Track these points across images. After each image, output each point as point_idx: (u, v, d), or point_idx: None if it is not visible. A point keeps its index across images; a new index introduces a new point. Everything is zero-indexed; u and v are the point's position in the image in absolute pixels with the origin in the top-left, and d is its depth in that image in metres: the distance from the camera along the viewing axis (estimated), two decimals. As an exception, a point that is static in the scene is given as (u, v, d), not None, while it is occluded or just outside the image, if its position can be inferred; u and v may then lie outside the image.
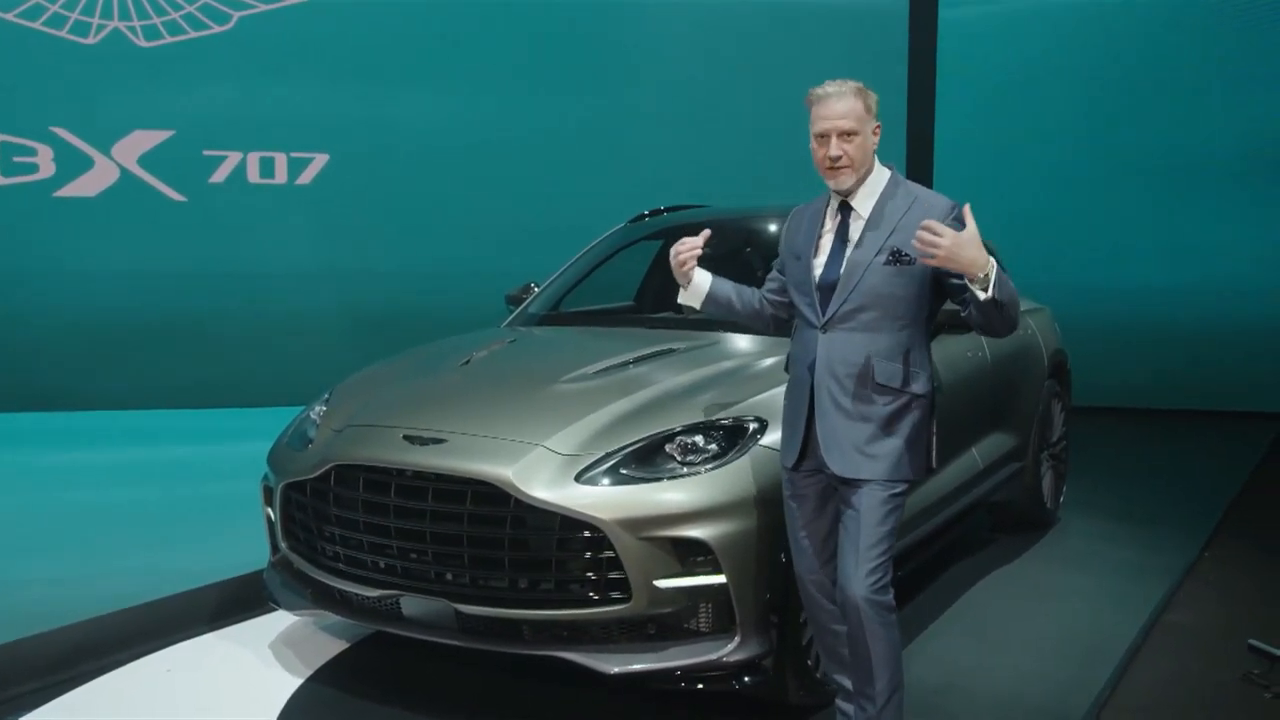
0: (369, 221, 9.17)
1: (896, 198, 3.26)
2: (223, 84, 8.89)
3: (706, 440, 3.64)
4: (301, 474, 3.97)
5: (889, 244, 3.19)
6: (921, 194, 3.28)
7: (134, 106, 8.78)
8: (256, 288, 9.05)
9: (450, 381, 4.26)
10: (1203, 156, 9.53)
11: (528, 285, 5.54)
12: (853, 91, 3.24)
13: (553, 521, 3.51)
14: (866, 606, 3.14)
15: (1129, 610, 4.83)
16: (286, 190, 9.06)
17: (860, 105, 3.23)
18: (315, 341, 9.06)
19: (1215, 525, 6.11)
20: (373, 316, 9.10)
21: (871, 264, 3.19)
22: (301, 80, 9.00)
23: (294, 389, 8.83)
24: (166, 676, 4.17)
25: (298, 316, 9.09)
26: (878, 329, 3.20)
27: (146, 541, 5.54)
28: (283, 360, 9.01)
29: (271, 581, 4.26)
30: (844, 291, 3.21)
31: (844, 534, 3.21)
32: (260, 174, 9.01)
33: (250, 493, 6.26)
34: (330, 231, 9.11)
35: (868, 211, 3.26)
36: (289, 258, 9.08)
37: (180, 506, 6.28)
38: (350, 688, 4.05)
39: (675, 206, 5.98)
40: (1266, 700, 3.95)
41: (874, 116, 3.27)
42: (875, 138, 3.28)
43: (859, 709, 3.26)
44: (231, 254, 8.98)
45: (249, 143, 8.98)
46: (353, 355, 8.89)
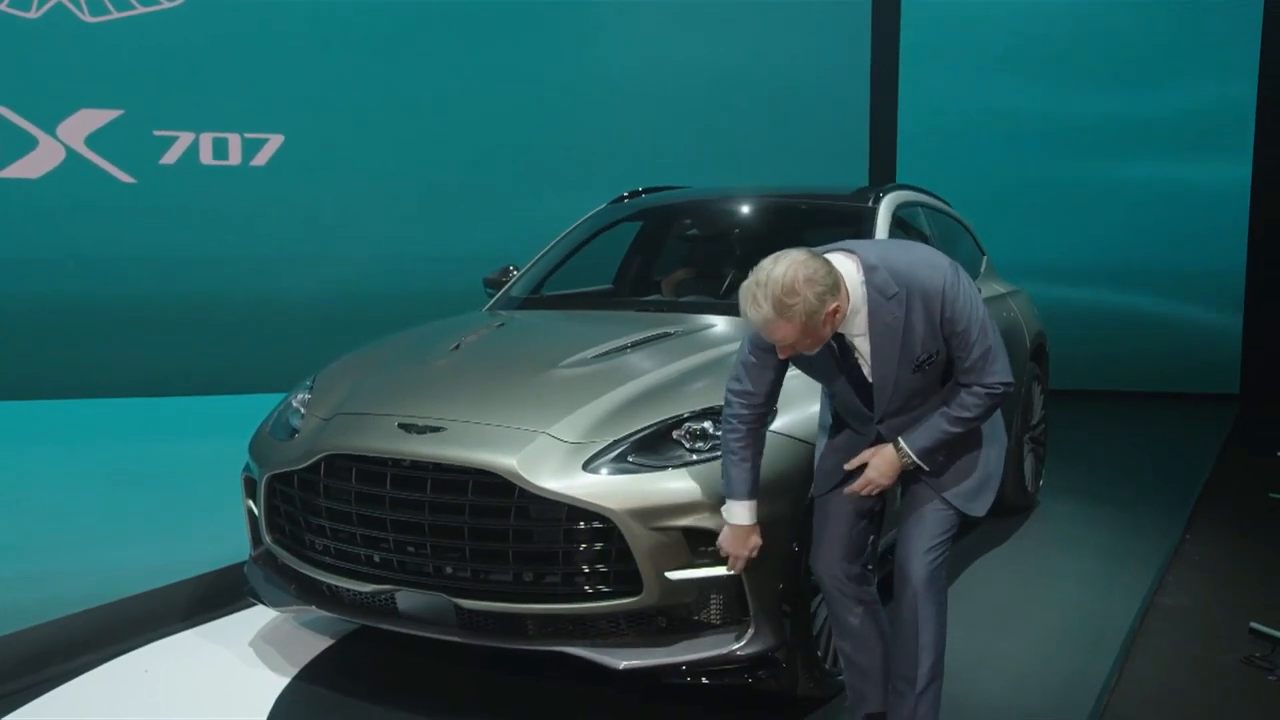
0: (327, 205, 8.94)
1: (888, 308, 2.93)
2: (173, 62, 8.59)
3: (716, 426, 3.52)
4: (288, 465, 3.80)
5: (904, 358, 2.98)
6: (913, 283, 2.93)
7: (80, 84, 8.47)
8: (210, 273, 8.78)
9: (442, 367, 4.10)
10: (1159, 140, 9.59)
11: (506, 268, 5.39)
12: (777, 317, 2.81)
13: (559, 512, 3.38)
14: (923, 586, 3.08)
15: (1121, 594, 4.81)
16: (241, 172, 8.79)
17: (791, 327, 2.83)
18: (273, 328, 8.84)
19: (1192, 507, 6.12)
20: (333, 301, 8.88)
21: (898, 377, 3.01)
22: (256, 58, 8.73)
23: (251, 376, 8.65)
24: (145, 677, 3.98)
25: (254, 302, 8.85)
26: (930, 404, 3.07)
27: (110, 537, 5.30)
28: (239, 347, 8.78)
29: (254, 577, 4.09)
30: (883, 399, 3.05)
31: (911, 519, 3.14)
32: (213, 155, 8.73)
33: (217, 485, 6.13)
34: (287, 215, 8.86)
35: (865, 338, 2.99)
36: (244, 242, 8.82)
37: (142, 500, 6.03)
38: (341, 685, 3.89)
39: (654, 188, 5.86)
40: (1271, 683, 3.92)
41: (819, 312, 2.82)
42: (835, 318, 2.88)
43: (895, 693, 3.18)
44: (184, 238, 8.71)
45: (201, 123, 8.71)
46: (313, 342, 8.70)
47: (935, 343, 2.97)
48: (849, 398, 3.14)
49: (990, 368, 2.98)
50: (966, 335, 2.95)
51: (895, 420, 3.10)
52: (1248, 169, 9.40)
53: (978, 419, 3.03)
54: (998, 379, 2.99)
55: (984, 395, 2.99)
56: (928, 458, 3.05)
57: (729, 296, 4.81)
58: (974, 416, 3.01)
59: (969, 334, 2.95)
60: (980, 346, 2.96)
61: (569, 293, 5.32)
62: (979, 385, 2.99)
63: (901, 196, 5.20)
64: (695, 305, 4.72)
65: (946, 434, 3.03)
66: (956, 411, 3.00)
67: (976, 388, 2.99)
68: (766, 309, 2.82)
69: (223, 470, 6.46)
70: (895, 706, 3.18)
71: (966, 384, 3.00)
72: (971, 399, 3.00)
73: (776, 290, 2.80)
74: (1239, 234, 9.48)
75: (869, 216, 4.87)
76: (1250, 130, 9.38)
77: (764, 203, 5.40)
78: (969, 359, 2.97)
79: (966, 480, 3.13)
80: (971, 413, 3.00)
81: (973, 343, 2.96)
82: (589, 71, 9.42)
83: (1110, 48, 9.65)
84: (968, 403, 3.00)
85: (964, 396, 3.00)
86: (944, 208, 5.80)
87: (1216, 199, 9.49)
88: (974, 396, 2.99)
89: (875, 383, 3.04)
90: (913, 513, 3.15)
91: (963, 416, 3.01)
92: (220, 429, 7.76)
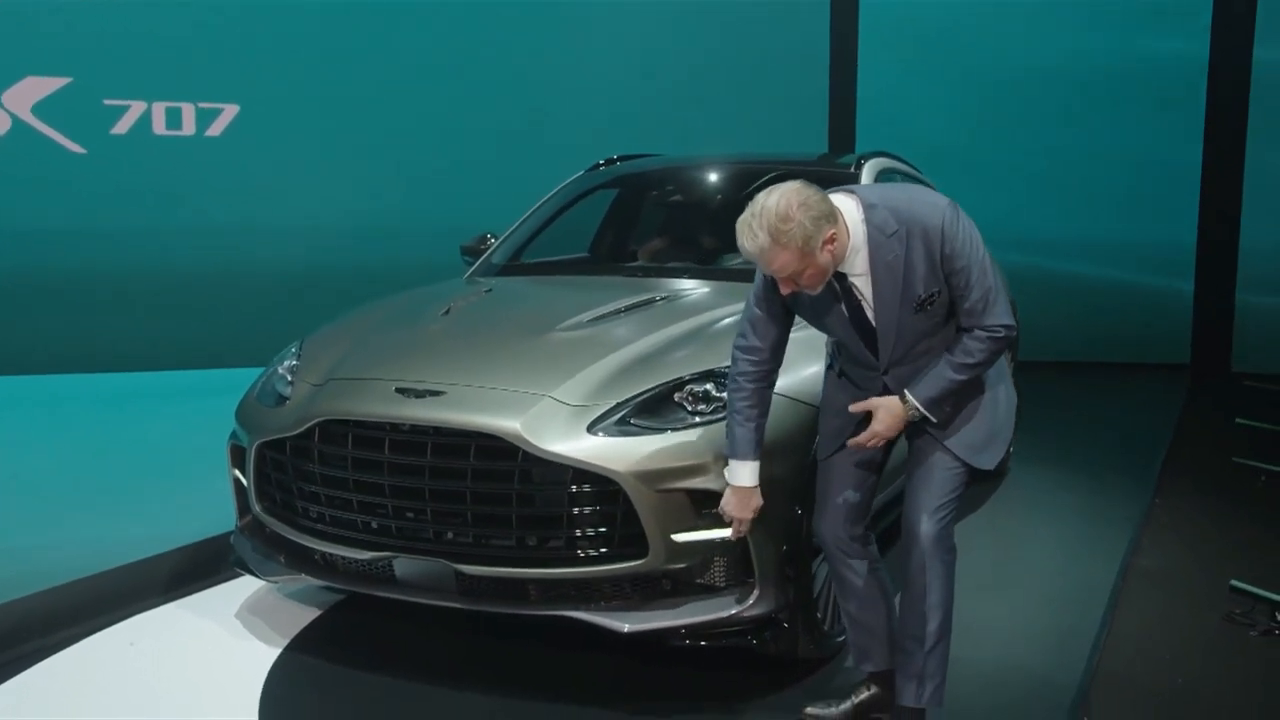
0: (284, 177, 8.76)
1: (888, 245, 2.93)
2: (124, 29, 8.35)
3: (718, 388, 3.51)
4: (280, 431, 3.73)
5: (906, 297, 2.96)
6: (912, 220, 2.94)
7: (26, 51, 8.19)
8: (164, 245, 8.58)
9: (436, 332, 4.04)
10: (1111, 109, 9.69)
11: (484, 236, 5.34)
12: (774, 245, 2.82)
13: (564, 475, 3.35)
14: (931, 544, 3.09)
15: (1100, 557, 4.88)
16: (195, 142, 8.59)
17: (789, 254, 2.83)
18: (230, 301, 8.66)
19: (1159, 472, 6.22)
20: (293, 275, 8.72)
21: (901, 319, 2.99)
22: (209, 26, 8.51)
23: (208, 350, 8.51)
24: (131, 650, 3.90)
25: (210, 275, 8.66)
26: (936, 349, 3.05)
27: (82, 511, 5.18)
28: (196, 321, 8.61)
29: (241, 547, 4.02)
30: (888, 344, 3.04)
31: (918, 476, 3.13)
32: (166, 125, 8.52)
33: (185, 456, 6.05)
34: (243, 187, 8.67)
35: (866, 278, 2.98)
36: (199, 214, 8.62)
37: (113, 473, 5.91)
38: (334, 655, 3.84)
39: (628, 155, 5.82)
40: (1253, 638, 4.01)
41: (816, 238, 2.82)
42: (831, 246, 2.87)
43: (903, 651, 3.19)
44: (137, 209, 8.48)
45: (154, 92, 8.48)
46: (273, 315, 8.62)
47: (936, 281, 2.95)
48: (854, 346, 3.11)
49: (991, 310, 2.96)
50: (967, 273, 2.94)
51: (900, 370, 3.07)
52: (1199, 140, 9.52)
53: (981, 364, 3.00)
54: (999, 321, 2.97)
55: (986, 339, 2.97)
56: (934, 408, 3.03)
57: (714, 262, 4.81)
58: (977, 362, 2.99)
59: (969, 272, 2.94)
60: (980, 287, 2.95)
61: (551, 259, 5.27)
62: (980, 329, 2.97)
63: (881, 163, 5.22)
64: (681, 270, 4.69)
65: (952, 382, 3.00)
66: (960, 358, 2.99)
67: (978, 331, 2.98)
68: (762, 237, 2.82)
69: (189, 443, 6.42)
70: (904, 664, 3.19)
71: (969, 328, 2.99)
72: (974, 343, 2.98)
73: (771, 218, 2.81)
74: (1190, 205, 9.61)
75: (851, 182, 4.85)
76: (1201, 99, 9.48)
77: (744, 169, 5.38)
78: (969, 299, 2.96)
79: (974, 433, 3.12)
80: (974, 358, 2.98)
81: (973, 282, 2.95)
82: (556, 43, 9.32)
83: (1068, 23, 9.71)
84: (970, 348, 2.98)
85: (966, 342, 2.99)
86: (918, 174, 5.82)
87: (1168, 169, 9.61)
88: (976, 341, 2.98)
89: (879, 327, 3.02)
90: (919, 469, 3.14)
91: (966, 363, 2.98)
92: (179, 403, 7.67)
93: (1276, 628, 4.06)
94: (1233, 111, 9.38)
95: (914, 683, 3.16)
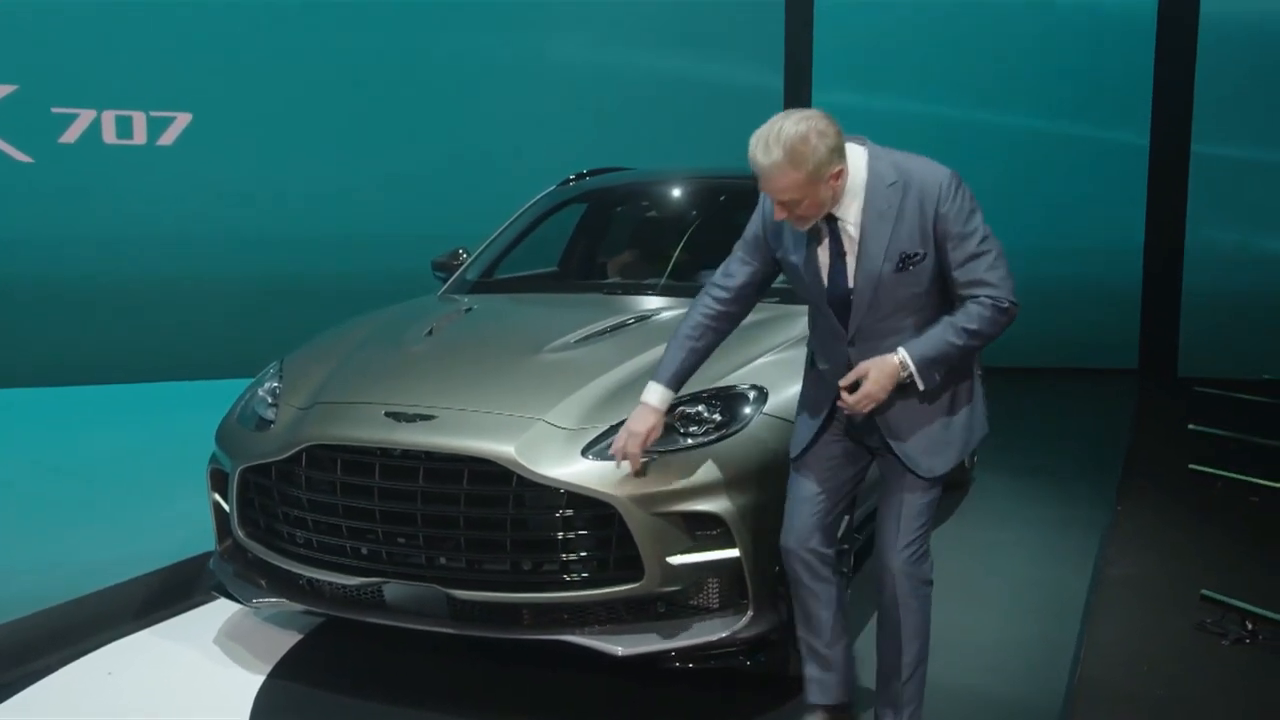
0: (238, 187, 8.63)
1: (884, 194, 2.94)
2: (72, 36, 8.19)
3: (709, 410, 3.53)
4: (265, 456, 3.68)
5: (891, 250, 2.94)
6: (912, 175, 2.96)
7: (-31, 58, 8.03)
8: (114, 255, 8.42)
9: (421, 353, 4.01)
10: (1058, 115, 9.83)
11: (456, 251, 5.31)
12: (786, 163, 2.82)
13: (558, 500, 3.35)
14: (903, 579, 3.09)
15: (1071, 566, 4.97)
16: (147, 151, 8.44)
17: (798, 175, 2.83)
18: (183, 314, 8.52)
19: (1119, 480, 6.33)
20: (246, 285, 8.60)
21: (881, 275, 2.95)
22: (161, 32, 8.36)
23: (159, 363, 8.37)
24: (109, 680, 3.82)
25: (162, 286, 8.51)
26: (905, 330, 3.00)
27: (43, 533, 5.07)
28: (147, 333, 8.46)
29: (222, 572, 3.96)
30: (860, 308, 2.99)
31: (886, 505, 3.13)
32: (117, 134, 8.37)
33: (146, 476, 5.94)
34: (196, 197, 8.53)
35: (857, 226, 2.97)
36: (151, 224, 8.47)
37: (72, 493, 5.77)
38: (321, 681, 3.80)
39: (598, 169, 5.82)
40: (1225, 647, 4.09)
41: (826, 168, 2.84)
42: (835, 181, 2.89)
43: (881, 678, 3.21)
44: (86, 219, 8.32)
45: (103, 100, 8.33)
46: (226, 327, 8.51)
47: (925, 243, 2.93)
48: (825, 308, 3.06)
49: (991, 277, 2.93)
50: (963, 240, 2.92)
51: (865, 346, 3.01)
52: (1145, 144, 9.68)
53: (982, 334, 2.93)
54: (1001, 290, 2.93)
55: (991, 308, 2.92)
56: (926, 371, 2.95)
57: (693, 279, 4.82)
58: (978, 330, 2.92)
59: (965, 240, 2.92)
60: (980, 259, 2.92)
61: (525, 275, 5.26)
62: (987, 296, 2.92)
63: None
64: (660, 288, 4.70)
65: (949, 345, 2.93)
66: (962, 321, 2.92)
67: (984, 298, 2.92)
68: (777, 153, 2.82)
69: (150, 460, 6.32)
70: (882, 692, 3.21)
71: (974, 294, 2.93)
72: (979, 309, 2.92)
73: (790, 137, 2.82)
74: (1137, 211, 9.78)
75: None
76: (1148, 103, 9.64)
77: (716, 184, 5.40)
78: (966, 268, 2.92)
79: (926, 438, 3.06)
80: (976, 325, 2.92)
81: (970, 250, 2.92)
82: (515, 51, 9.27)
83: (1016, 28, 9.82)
84: (974, 313, 2.92)
85: (970, 307, 2.93)
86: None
87: (1115, 173, 9.77)
88: (981, 307, 2.92)
89: (856, 283, 2.98)
90: (886, 498, 3.13)
91: (968, 328, 2.92)
92: (129, 418, 7.53)
93: (1247, 636, 4.15)
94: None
95: (890, 711, 3.19)
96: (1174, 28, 9.50)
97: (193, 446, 6.47)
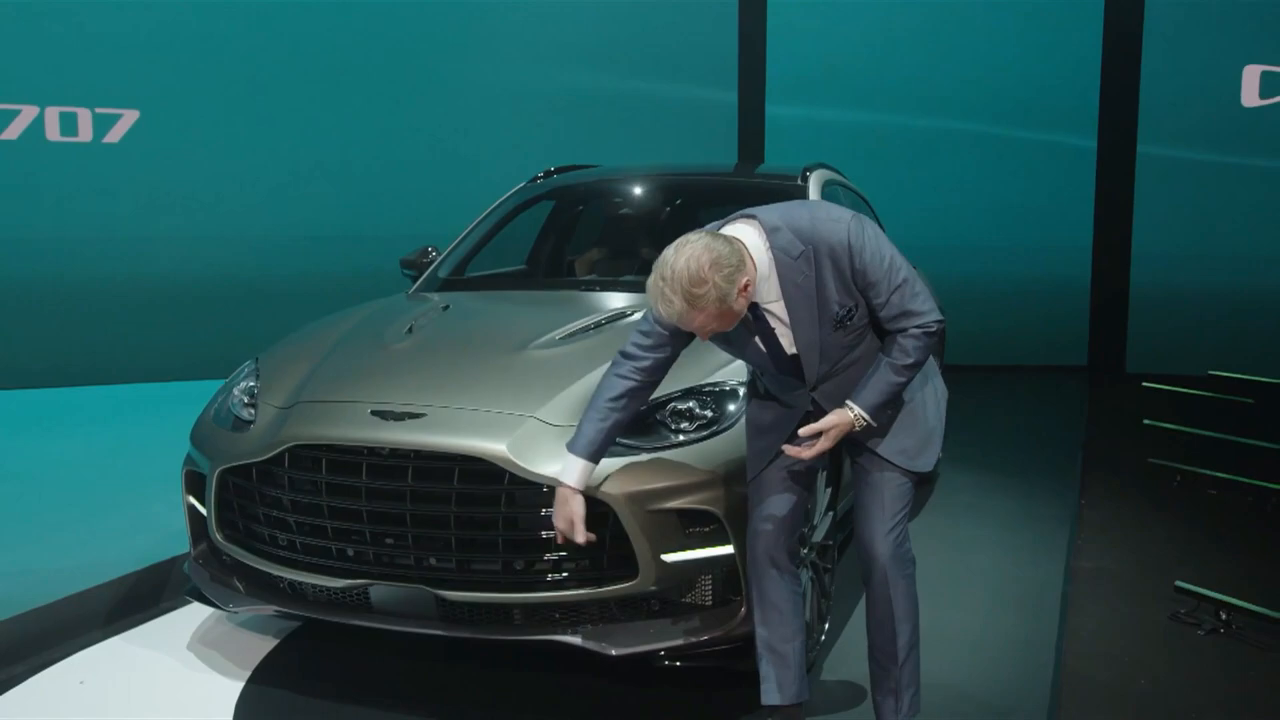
0: (187, 185, 8.48)
1: (795, 267, 2.92)
2: (14, 30, 7.99)
3: (700, 406, 3.50)
4: (245, 457, 3.59)
5: (823, 316, 2.94)
6: (817, 238, 2.92)
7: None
8: (59, 255, 8.24)
9: (403, 351, 3.93)
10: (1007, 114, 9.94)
11: (425, 249, 5.23)
12: (687, 309, 2.79)
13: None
14: (891, 563, 3.10)
15: (1043, 559, 5.01)
16: (92, 149, 8.25)
17: (706, 314, 2.81)
18: (133, 316, 8.35)
19: (1080, 474, 6.41)
20: (196, 286, 8.45)
21: (821, 338, 2.97)
22: (106, 27, 8.19)
23: (105, 365, 8.19)
24: (82, 689, 3.71)
25: (107, 286, 8.34)
26: (862, 357, 3.03)
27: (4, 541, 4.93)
28: (95, 336, 8.27)
29: (198, 577, 3.85)
30: (812, 364, 3.01)
31: (867, 496, 3.13)
32: (61, 131, 8.17)
33: (101, 481, 5.79)
34: (144, 195, 8.37)
35: (780, 303, 2.96)
36: (96, 223, 8.30)
37: (23, 500, 5.61)
38: (302, 686, 3.71)
39: (565, 167, 5.77)
40: (1201, 637, 4.15)
41: (732, 292, 2.79)
42: (746, 292, 2.84)
43: (878, 666, 3.22)
44: (29, 218, 8.15)
45: (47, 96, 8.13)
46: (174, 327, 8.34)
47: (850, 297, 2.94)
48: (775, 370, 3.08)
49: (913, 306, 2.94)
50: (881, 284, 2.92)
51: (828, 385, 3.04)
52: (1093, 143, 9.82)
53: (919, 363, 2.97)
54: (927, 316, 2.95)
55: (920, 335, 2.94)
56: (878, 414, 2.99)
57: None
58: (915, 361, 2.96)
59: (883, 283, 2.92)
60: (899, 292, 2.92)
61: (497, 273, 5.21)
62: (914, 326, 2.94)
63: (825, 175, 5.27)
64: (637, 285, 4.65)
65: (893, 385, 2.97)
66: (899, 359, 2.95)
67: (910, 329, 2.95)
68: (678, 304, 2.79)
69: (103, 465, 6.17)
70: (880, 681, 3.22)
71: (901, 327, 2.95)
72: (909, 341, 2.95)
73: (684, 282, 2.76)
74: (1085, 208, 9.92)
75: (799, 194, 4.91)
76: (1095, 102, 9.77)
77: (690, 181, 5.39)
78: (890, 305, 2.93)
79: (909, 437, 3.11)
80: (912, 357, 2.95)
81: (891, 288, 2.92)
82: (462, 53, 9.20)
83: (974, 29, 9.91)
84: (906, 346, 2.95)
85: (901, 341, 2.95)
86: (853, 186, 5.90)
87: (1063, 173, 9.89)
88: (910, 339, 2.95)
89: (800, 349, 2.99)
90: (866, 488, 3.14)
91: (905, 364, 2.95)
92: (77, 421, 7.35)
93: (1221, 626, 4.21)
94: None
95: (891, 698, 3.20)
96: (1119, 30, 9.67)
97: (148, 450, 6.40)
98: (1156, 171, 9.70)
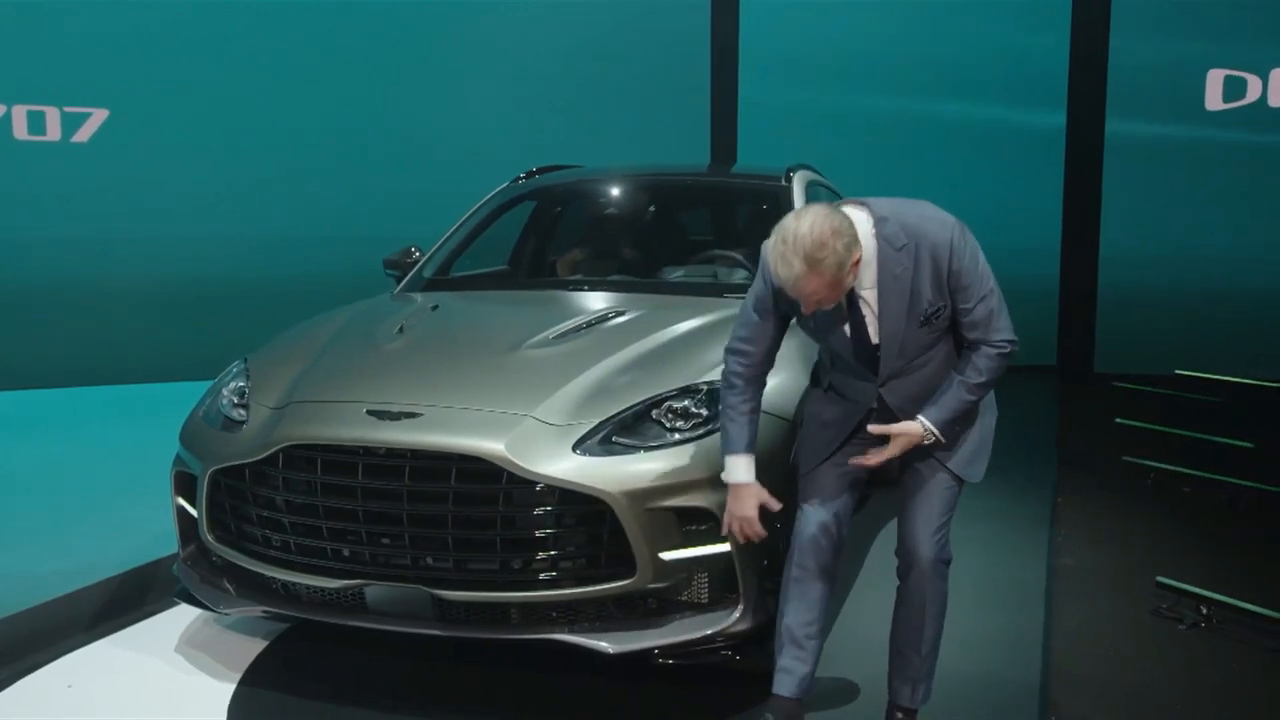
0: (158, 185, 8.38)
1: (896, 259, 2.98)
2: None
3: (696, 404, 3.52)
4: (238, 457, 3.57)
5: (913, 310, 3.01)
6: (921, 234, 2.99)
7: None
8: (26, 256, 8.14)
9: (396, 351, 3.91)
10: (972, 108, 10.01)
11: (409, 250, 5.21)
12: (809, 272, 2.84)
13: (550, 497, 3.30)
14: (931, 567, 3.17)
15: (1024, 556, 5.07)
16: (61, 148, 8.15)
17: (822, 280, 2.86)
18: (101, 315, 8.25)
19: (1056, 472, 6.48)
20: (167, 287, 8.37)
21: (905, 332, 3.03)
22: (76, 24, 8.09)
23: (73, 368, 8.10)
24: (71, 693, 3.67)
25: (77, 288, 8.24)
26: (934, 359, 3.11)
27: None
28: (62, 336, 8.17)
29: (188, 578, 3.82)
30: (889, 359, 3.07)
31: (918, 497, 3.18)
32: (29, 130, 8.07)
33: (81, 484, 5.72)
34: (113, 196, 8.27)
35: (874, 291, 3.02)
36: (64, 224, 8.19)
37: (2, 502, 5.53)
38: (295, 687, 3.70)
39: (547, 167, 5.77)
40: (1184, 631, 4.21)
41: (847, 262, 2.87)
42: (856, 268, 2.92)
43: (901, 657, 3.28)
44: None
45: (14, 94, 8.03)
46: (143, 329, 8.26)
47: (941, 297, 3.00)
48: (851, 359, 3.13)
49: (996, 324, 3.03)
50: (973, 289, 3.00)
51: (896, 382, 3.11)
52: (1061, 141, 9.90)
53: (991, 382, 3.06)
54: (1004, 336, 3.04)
55: (994, 355, 3.03)
56: (949, 430, 3.09)
57: (657, 275, 4.83)
58: (988, 380, 3.05)
59: (974, 288, 3.00)
60: (987, 304, 3.01)
61: (482, 272, 5.20)
62: (987, 345, 3.02)
63: (808, 176, 5.30)
64: (638, 284, 4.68)
65: (965, 403, 3.07)
66: (972, 378, 3.04)
67: (985, 348, 3.03)
68: (799, 265, 2.83)
69: (82, 468, 6.10)
70: (900, 669, 3.29)
71: (974, 344, 3.04)
72: (983, 361, 3.03)
73: (807, 245, 2.82)
74: (1053, 208, 10.00)
75: (784, 195, 4.94)
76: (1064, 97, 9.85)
77: (675, 181, 5.41)
78: (974, 313, 3.01)
79: (968, 446, 3.19)
80: (985, 376, 3.04)
81: (979, 295, 3.01)
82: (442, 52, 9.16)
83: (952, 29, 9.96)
84: (980, 365, 3.03)
85: (975, 360, 3.04)
86: (833, 186, 5.93)
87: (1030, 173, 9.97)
88: (985, 358, 3.03)
89: (883, 340, 3.06)
90: (919, 491, 3.19)
91: (978, 382, 3.04)
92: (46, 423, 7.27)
93: (1202, 620, 4.27)
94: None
95: (909, 686, 3.28)
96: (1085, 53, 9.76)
97: (128, 453, 6.33)
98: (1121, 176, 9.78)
